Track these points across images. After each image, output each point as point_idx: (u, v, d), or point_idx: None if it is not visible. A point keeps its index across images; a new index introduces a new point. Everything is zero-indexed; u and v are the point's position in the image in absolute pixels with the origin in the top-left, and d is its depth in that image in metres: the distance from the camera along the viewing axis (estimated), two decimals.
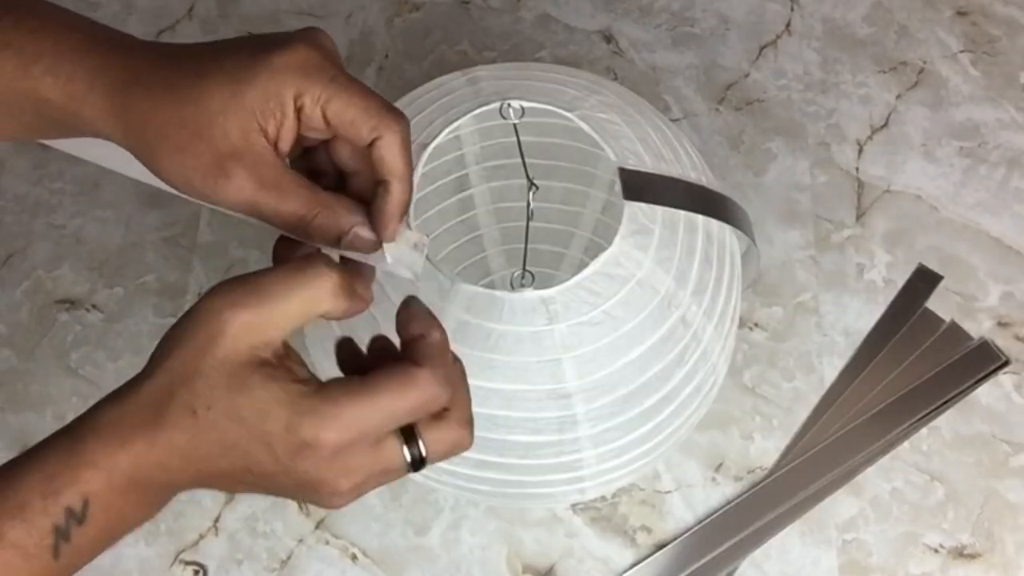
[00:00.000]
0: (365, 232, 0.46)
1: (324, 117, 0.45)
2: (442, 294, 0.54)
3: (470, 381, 0.51)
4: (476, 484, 0.61)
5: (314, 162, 0.48)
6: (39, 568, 0.41)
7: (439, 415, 0.43)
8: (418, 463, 0.42)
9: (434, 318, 0.44)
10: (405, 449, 0.42)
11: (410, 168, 0.46)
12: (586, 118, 0.58)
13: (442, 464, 0.59)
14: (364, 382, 0.41)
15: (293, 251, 0.47)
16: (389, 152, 0.45)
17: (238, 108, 0.43)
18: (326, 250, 0.47)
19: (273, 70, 0.44)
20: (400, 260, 0.47)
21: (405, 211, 0.47)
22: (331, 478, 0.41)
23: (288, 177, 0.45)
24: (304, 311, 0.42)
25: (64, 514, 0.40)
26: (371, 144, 0.45)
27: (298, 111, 0.44)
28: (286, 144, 0.45)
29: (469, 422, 0.44)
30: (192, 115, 0.43)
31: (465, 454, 0.57)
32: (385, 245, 0.46)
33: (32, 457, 0.41)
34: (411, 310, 0.44)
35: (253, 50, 0.44)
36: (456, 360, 0.44)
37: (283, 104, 0.44)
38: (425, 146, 0.57)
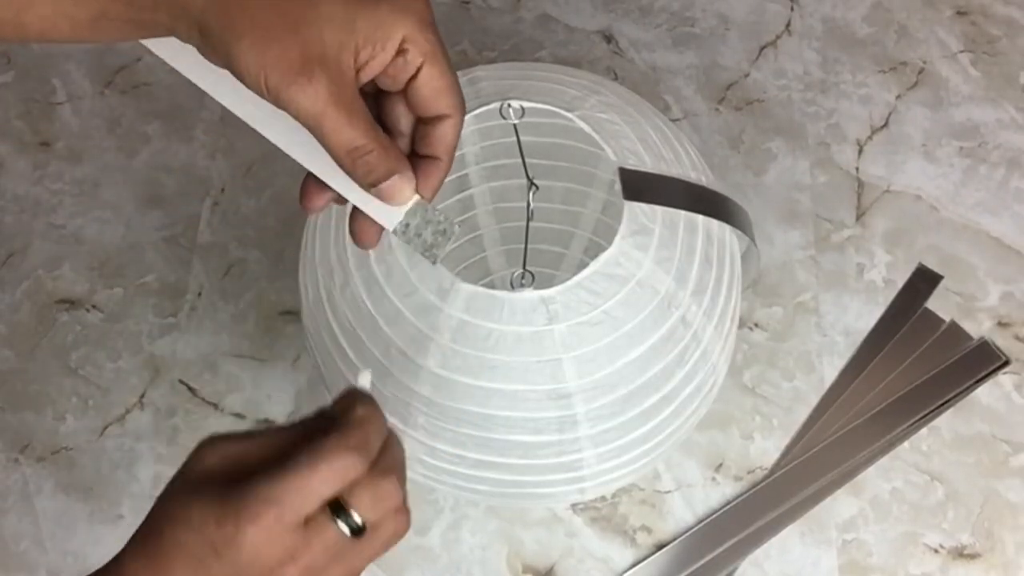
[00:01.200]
0: (407, 183, 0.46)
1: (416, 72, 0.45)
2: (442, 294, 0.54)
3: (470, 381, 0.51)
4: (476, 484, 0.61)
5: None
6: None
7: (365, 478, 0.42)
8: (358, 529, 0.42)
9: (359, 397, 0.44)
10: (339, 522, 0.42)
11: (453, 153, 0.47)
12: (586, 118, 0.58)
13: (442, 464, 0.60)
14: (279, 468, 0.41)
15: (320, 196, 0.47)
16: (452, 132, 0.46)
17: (346, 20, 0.43)
18: (343, 191, 0.46)
19: (395, 6, 0.43)
20: (410, 230, 0.47)
21: (439, 188, 0.47)
22: (276, 567, 0.41)
23: (361, 104, 0.44)
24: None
25: None
26: (436, 119, 0.46)
27: (399, 53, 0.44)
28: (367, 75, 0.45)
29: (393, 469, 0.44)
30: (295, 9, 0.42)
31: (465, 454, 0.58)
32: (403, 211, 0.46)
33: None
34: (347, 395, 0.44)
35: None
36: (377, 419, 0.44)
37: (388, 38, 0.44)
38: None
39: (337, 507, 0.42)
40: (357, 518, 0.42)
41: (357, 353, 0.58)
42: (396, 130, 0.48)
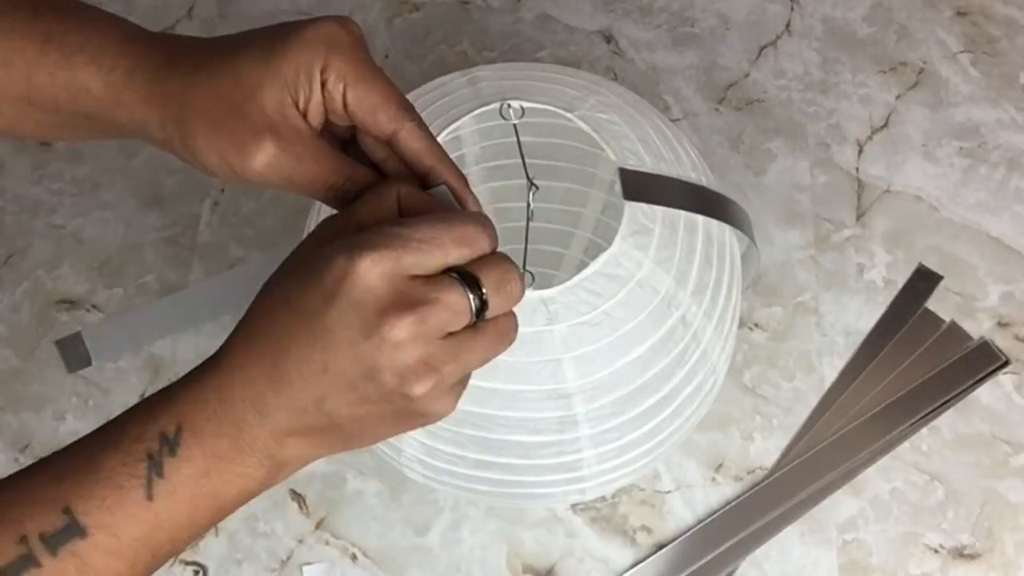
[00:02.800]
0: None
1: (344, 99, 0.45)
2: None
3: (471, 381, 0.51)
4: (476, 484, 0.61)
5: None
6: (132, 507, 0.40)
7: (489, 256, 0.42)
8: (481, 304, 0.41)
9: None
10: (465, 286, 0.41)
11: (440, 148, 0.47)
12: (586, 118, 0.58)
13: (442, 464, 0.60)
14: (405, 220, 0.41)
15: None
16: (412, 143, 0.46)
17: (272, 80, 0.44)
18: None
19: (303, 41, 0.44)
20: None
21: (465, 181, 0.47)
22: (389, 313, 0.39)
23: (322, 147, 0.45)
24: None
25: (158, 439, 0.40)
26: (391, 137, 0.46)
27: (323, 85, 0.45)
28: (315, 119, 0.45)
29: (515, 266, 0.43)
30: (228, 90, 0.44)
31: (465, 454, 0.58)
32: None
33: (147, 398, 0.42)
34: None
35: (284, 27, 0.45)
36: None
37: (311, 77, 0.44)
38: None
39: (462, 274, 0.41)
40: (482, 288, 0.41)
41: None
42: (379, 160, 0.48)
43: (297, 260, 0.43)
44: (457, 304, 0.40)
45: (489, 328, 0.42)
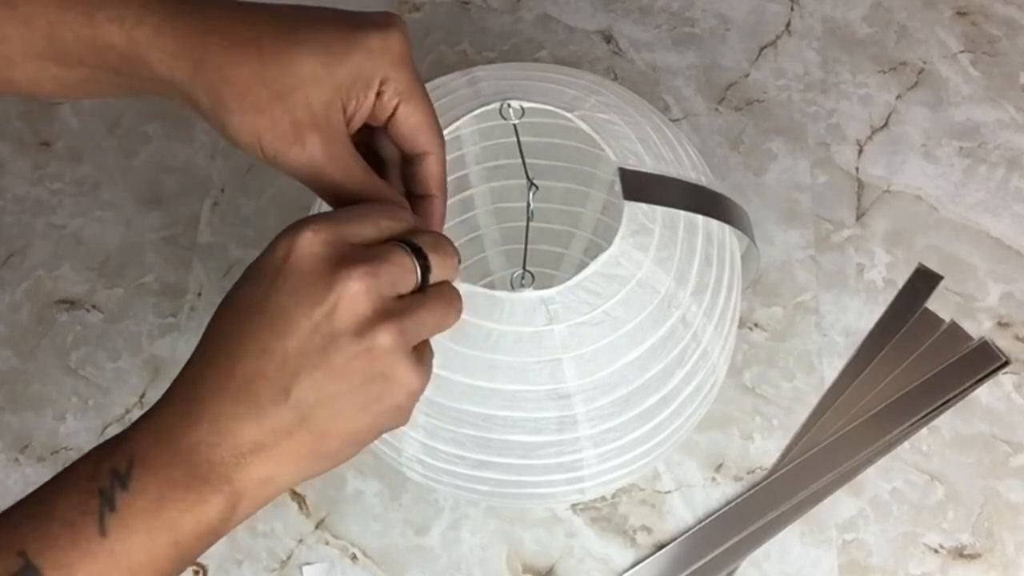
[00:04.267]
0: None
1: (394, 111, 0.46)
2: None
3: (469, 381, 0.51)
4: (476, 484, 0.61)
5: None
6: (86, 544, 0.39)
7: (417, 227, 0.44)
8: (424, 265, 0.42)
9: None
10: (409, 252, 0.42)
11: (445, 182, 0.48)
12: (586, 118, 0.58)
13: (442, 464, 0.60)
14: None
15: None
16: (437, 167, 0.48)
17: (328, 78, 0.44)
18: None
19: (369, 51, 0.44)
20: None
21: (443, 220, 0.49)
22: (352, 303, 0.40)
23: (355, 158, 0.46)
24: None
25: (109, 475, 0.39)
26: (419, 156, 0.47)
27: (377, 96, 0.45)
28: (355, 125, 0.46)
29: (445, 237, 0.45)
30: (278, 77, 0.43)
31: (465, 454, 0.58)
32: None
33: (103, 442, 0.41)
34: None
35: (349, 26, 0.45)
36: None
37: (368, 86, 0.45)
38: None
39: (406, 242, 0.42)
40: (421, 249, 0.42)
41: None
42: (390, 160, 0.49)
43: (241, 276, 0.43)
44: (402, 263, 0.41)
45: (436, 293, 0.43)
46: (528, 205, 0.59)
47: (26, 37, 0.46)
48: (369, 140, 0.50)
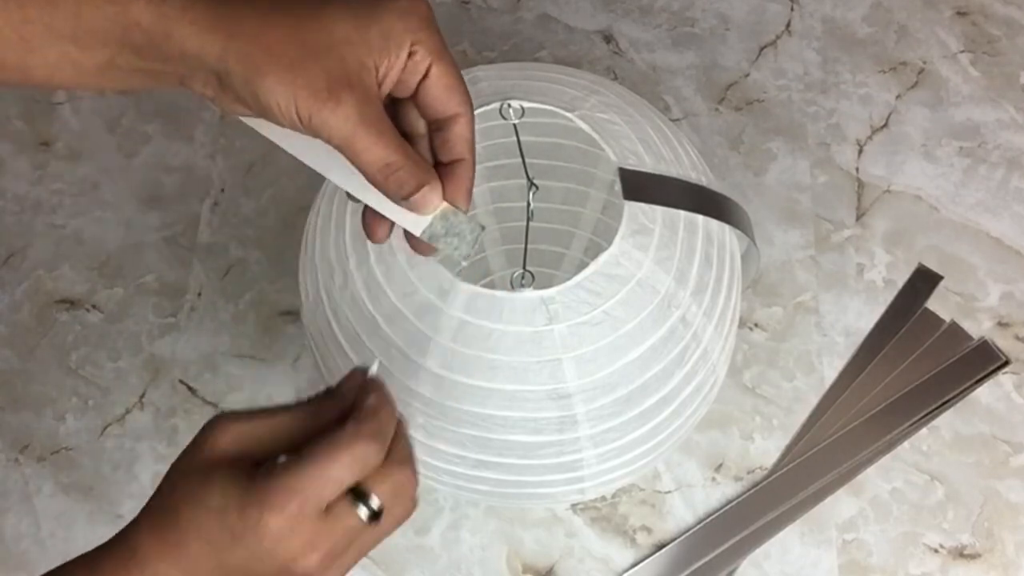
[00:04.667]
0: (435, 193, 0.47)
1: (426, 73, 0.46)
2: (442, 294, 0.54)
3: (470, 381, 0.51)
4: (476, 484, 0.61)
5: None
6: None
7: (382, 466, 0.44)
8: (375, 515, 0.43)
9: (370, 385, 0.45)
10: (360, 507, 0.43)
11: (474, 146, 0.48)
12: (586, 118, 0.58)
13: (442, 464, 0.60)
14: (299, 457, 0.42)
15: (383, 226, 0.49)
16: (469, 129, 0.47)
17: (360, 40, 0.44)
18: (375, 205, 0.48)
19: (400, 12, 0.45)
20: (435, 235, 0.48)
21: (473, 180, 0.48)
22: (299, 555, 0.42)
23: (387, 120, 0.45)
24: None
25: None
26: (450, 120, 0.47)
27: (409, 56, 0.45)
28: (387, 87, 0.46)
29: (409, 459, 0.45)
30: (312, 37, 0.44)
31: (465, 454, 0.58)
32: (430, 217, 0.48)
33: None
34: (352, 376, 0.46)
35: None
36: (389, 407, 0.45)
37: (400, 47, 0.45)
38: None
39: (357, 493, 0.43)
40: (376, 504, 0.43)
41: (357, 353, 0.58)
42: (415, 134, 0.49)
43: (199, 474, 0.43)
44: (351, 525, 0.43)
45: (387, 518, 0.44)
46: (528, 205, 0.59)
47: (49, 18, 0.45)
48: (393, 115, 0.49)
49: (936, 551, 0.72)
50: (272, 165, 0.85)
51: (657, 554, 0.72)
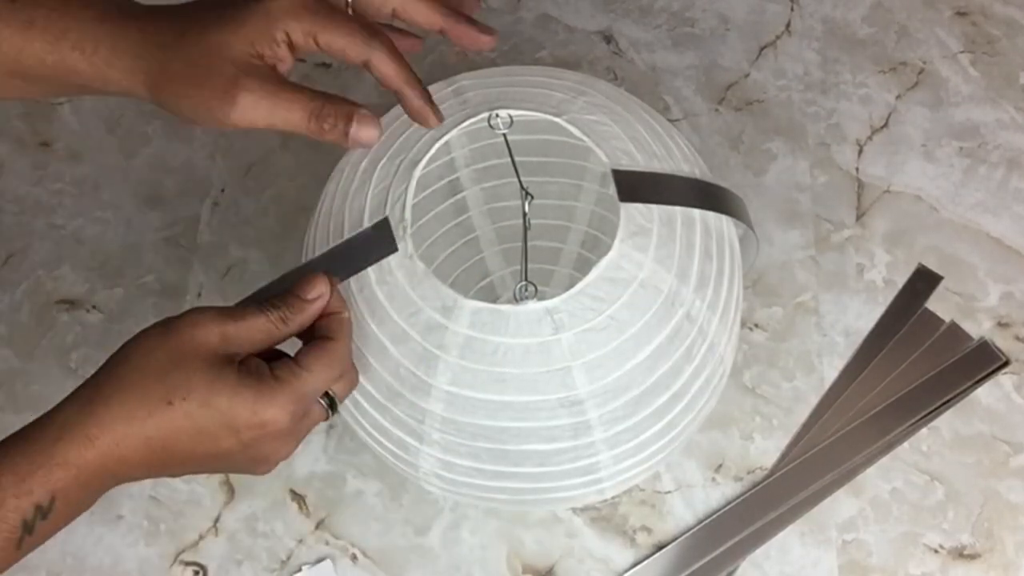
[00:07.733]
0: (370, 120, 0.51)
1: (317, 46, 0.51)
2: (446, 312, 0.54)
3: (481, 396, 0.54)
4: (495, 494, 0.61)
5: None
6: (2, 559, 0.46)
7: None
8: (333, 406, 0.52)
9: (342, 297, 0.52)
10: (324, 402, 0.51)
11: (408, 72, 0.53)
12: (575, 122, 0.58)
13: (460, 477, 0.60)
14: (302, 364, 0.49)
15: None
16: (383, 68, 0.52)
17: (237, 43, 0.50)
18: None
19: (265, 12, 0.51)
20: None
21: (429, 99, 0.54)
22: (281, 448, 0.50)
23: (288, 86, 0.51)
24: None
25: (33, 510, 0.46)
26: (364, 65, 0.52)
27: (289, 44, 0.51)
28: (284, 67, 0.52)
29: (353, 365, 0.53)
30: (200, 55, 0.50)
31: (482, 466, 0.58)
32: None
33: (5, 456, 0.47)
34: (312, 283, 0.51)
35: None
36: (350, 322, 0.52)
37: (274, 39, 0.50)
38: (416, 163, 0.57)
39: (325, 393, 0.51)
40: (335, 396, 0.52)
41: (367, 376, 0.57)
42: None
43: (185, 362, 0.49)
44: (318, 418, 0.52)
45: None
46: (524, 215, 0.59)
47: None
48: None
49: (936, 551, 0.72)
50: (272, 165, 0.85)
51: (657, 554, 0.72)
